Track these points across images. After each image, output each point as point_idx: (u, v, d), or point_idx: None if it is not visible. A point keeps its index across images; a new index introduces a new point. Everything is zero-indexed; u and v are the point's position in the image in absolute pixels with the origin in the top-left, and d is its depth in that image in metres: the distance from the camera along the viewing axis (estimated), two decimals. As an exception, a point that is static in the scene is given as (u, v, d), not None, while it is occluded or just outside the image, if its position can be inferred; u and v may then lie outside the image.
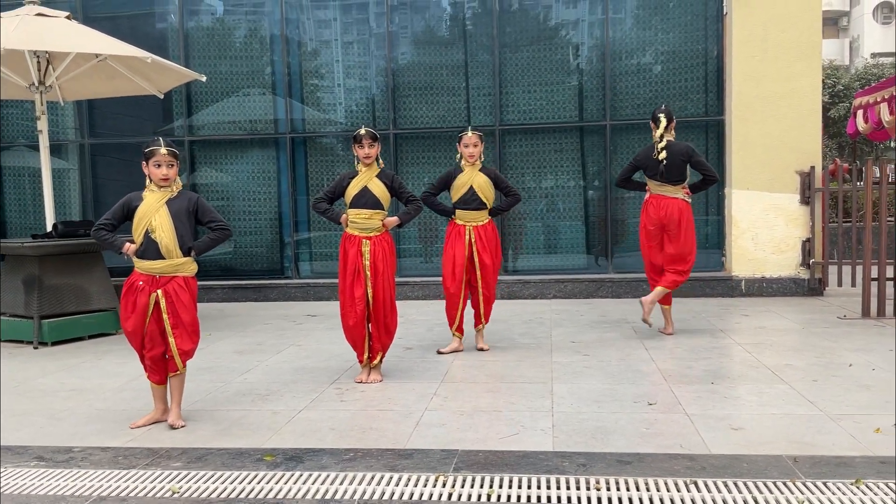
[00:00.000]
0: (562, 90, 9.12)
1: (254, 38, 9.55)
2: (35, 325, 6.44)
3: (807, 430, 3.79)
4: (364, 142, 4.95)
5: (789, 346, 5.84)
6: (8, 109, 9.84)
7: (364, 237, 4.91)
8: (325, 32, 9.58)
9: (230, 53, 9.49)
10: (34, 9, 6.65)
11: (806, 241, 8.35)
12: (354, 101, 9.51)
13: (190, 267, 4.13)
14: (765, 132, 8.31)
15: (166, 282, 4.05)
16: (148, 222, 4.01)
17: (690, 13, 8.89)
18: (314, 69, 9.57)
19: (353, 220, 4.93)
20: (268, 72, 9.51)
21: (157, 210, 4.02)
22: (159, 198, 4.04)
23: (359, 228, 4.92)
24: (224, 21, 9.59)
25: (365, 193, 4.93)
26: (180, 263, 4.07)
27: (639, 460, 3.41)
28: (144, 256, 4.04)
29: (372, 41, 9.41)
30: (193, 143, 9.47)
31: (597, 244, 9.17)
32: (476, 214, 5.76)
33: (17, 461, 3.63)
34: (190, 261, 4.12)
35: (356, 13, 9.56)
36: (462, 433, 3.87)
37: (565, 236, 9.22)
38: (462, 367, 5.40)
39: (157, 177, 4.04)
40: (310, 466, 3.44)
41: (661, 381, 4.83)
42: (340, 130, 9.47)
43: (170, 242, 4.01)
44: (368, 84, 9.46)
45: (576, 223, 9.19)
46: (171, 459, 3.58)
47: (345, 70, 9.57)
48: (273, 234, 9.54)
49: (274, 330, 7.10)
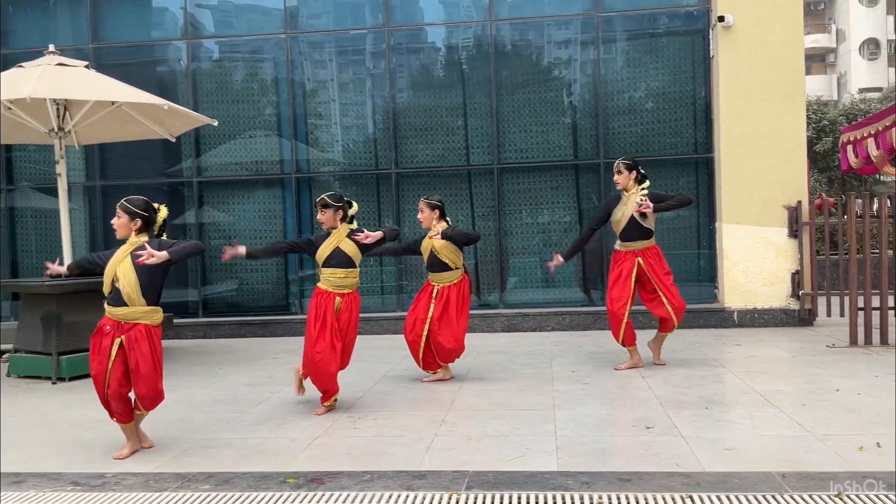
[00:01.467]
0: (557, 129, 9.50)
1: (260, 83, 9.93)
2: (54, 360, 6.68)
3: (795, 449, 4.05)
4: (318, 208, 5.25)
5: (780, 374, 6.11)
6: (13, 152, 10.16)
7: (337, 293, 5.19)
8: (326, 77, 9.97)
9: (237, 97, 9.86)
10: (55, 58, 6.99)
11: (795, 273, 8.66)
12: (356, 142, 9.87)
13: (153, 316, 4.33)
14: (752, 169, 8.66)
15: (129, 328, 4.27)
16: (114, 272, 4.29)
17: (679, 56, 9.31)
18: (317, 112, 9.94)
19: (327, 278, 5.21)
20: (273, 115, 9.87)
21: (121, 261, 4.30)
22: (125, 249, 4.34)
23: (332, 286, 5.20)
24: (231, 66, 9.98)
25: (337, 254, 5.21)
26: (143, 312, 4.29)
27: (638, 478, 3.66)
28: (111, 303, 4.31)
29: (373, 85, 9.80)
30: (201, 184, 9.79)
31: (593, 278, 9.47)
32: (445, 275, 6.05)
33: (54, 486, 3.87)
34: (153, 310, 4.33)
35: (354, 57, 9.97)
36: (471, 456, 4.12)
37: (562, 271, 9.50)
38: (467, 396, 5.65)
39: None
40: (331, 487, 3.68)
41: (657, 406, 5.09)
42: (344, 170, 9.82)
43: (131, 291, 4.25)
44: (370, 125, 9.83)
45: (576, 257, 9.47)
46: (199, 483, 3.82)
47: (346, 111, 9.95)
48: (279, 272, 9.83)
49: (283, 364, 7.34)
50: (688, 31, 9.38)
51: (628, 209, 6.27)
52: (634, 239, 6.32)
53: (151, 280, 4.31)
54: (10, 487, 3.87)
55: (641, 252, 6.33)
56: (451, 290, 6.02)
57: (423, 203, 6.07)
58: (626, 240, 6.35)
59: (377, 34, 9.68)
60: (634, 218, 6.25)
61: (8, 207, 10.11)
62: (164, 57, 10.14)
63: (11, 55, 9.80)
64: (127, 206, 4.37)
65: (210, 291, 9.85)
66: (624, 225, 6.31)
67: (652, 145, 9.29)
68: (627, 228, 6.31)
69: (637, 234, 6.31)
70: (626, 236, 6.34)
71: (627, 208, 6.28)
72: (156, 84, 9.49)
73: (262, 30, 9.86)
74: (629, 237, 6.33)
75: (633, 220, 6.27)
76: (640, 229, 6.30)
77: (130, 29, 10.08)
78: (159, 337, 4.40)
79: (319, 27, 9.88)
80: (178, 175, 9.86)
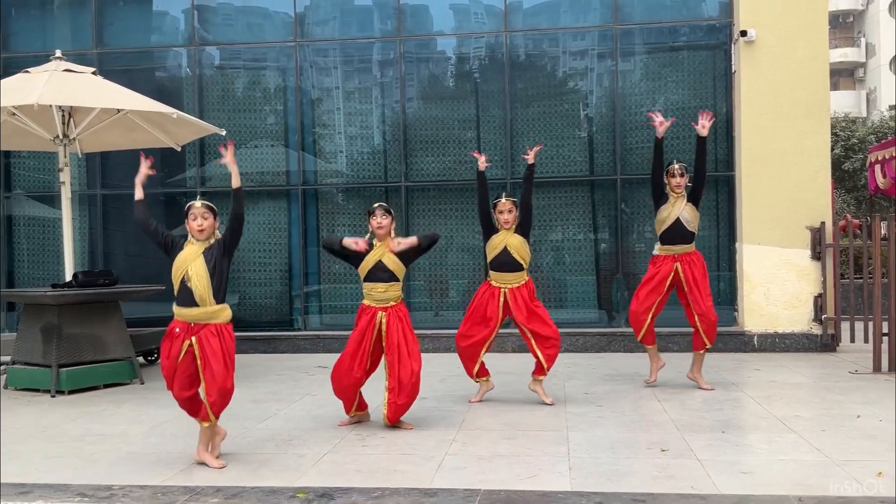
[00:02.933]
0: (572, 144, 9.70)
1: (267, 91, 10.17)
2: (53, 373, 6.86)
3: (813, 473, 4.19)
4: (377, 212, 5.38)
5: (799, 399, 6.25)
6: (11, 159, 10.39)
7: (380, 308, 5.35)
8: (335, 87, 10.21)
9: (242, 106, 10.10)
10: (62, 64, 7.23)
11: (818, 296, 8.79)
12: (365, 153, 10.09)
13: (223, 314, 4.57)
14: (774, 188, 8.82)
15: (199, 329, 4.50)
16: (184, 271, 4.48)
17: (699, 70, 9.51)
18: (326, 123, 10.17)
19: (369, 293, 5.38)
20: (280, 125, 10.11)
21: (193, 259, 4.50)
22: (197, 249, 4.53)
23: (374, 300, 5.37)
24: (237, 75, 10.22)
25: (380, 267, 5.36)
26: (213, 311, 4.52)
27: (653, 499, 3.82)
28: (181, 303, 4.50)
29: (383, 96, 10.03)
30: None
31: (608, 298, 9.63)
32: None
33: (61, 497, 4.04)
34: (222, 308, 4.56)
35: (365, 68, 10.20)
36: (483, 475, 4.28)
37: (576, 290, 9.69)
38: (478, 416, 5.80)
39: (193, 229, 4.54)
40: (341, 502, 3.84)
41: (673, 430, 5.23)
42: (351, 182, 10.02)
43: (203, 291, 4.47)
44: (379, 137, 10.05)
45: (587, 277, 9.66)
46: (208, 496, 3.99)
47: (353, 121, 10.17)
48: (283, 286, 10.02)
49: (287, 380, 7.50)
50: (709, 44, 9.58)
51: (675, 210, 6.50)
52: (676, 242, 6.53)
53: (221, 279, 4.54)
54: (17, 498, 4.05)
55: (681, 257, 6.53)
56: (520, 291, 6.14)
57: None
58: (666, 242, 6.57)
59: (388, 43, 9.92)
60: (680, 219, 6.49)
61: (6, 216, 10.33)
62: (168, 63, 10.39)
63: (12, 59, 10.10)
64: (212, 207, 4.63)
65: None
66: (668, 224, 6.53)
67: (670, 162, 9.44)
68: (671, 229, 6.53)
69: (680, 236, 6.52)
70: (668, 238, 6.55)
71: (675, 209, 6.50)
72: (159, 91, 9.72)
73: (270, 37, 10.11)
74: (671, 239, 6.54)
75: (678, 222, 6.51)
76: (684, 232, 6.52)
77: (135, 34, 10.36)
78: (231, 333, 4.59)
79: (327, 35, 10.12)
80: (181, 185, 10.08)
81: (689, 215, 6.53)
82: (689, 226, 6.54)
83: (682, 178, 6.55)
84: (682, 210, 6.53)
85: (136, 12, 10.50)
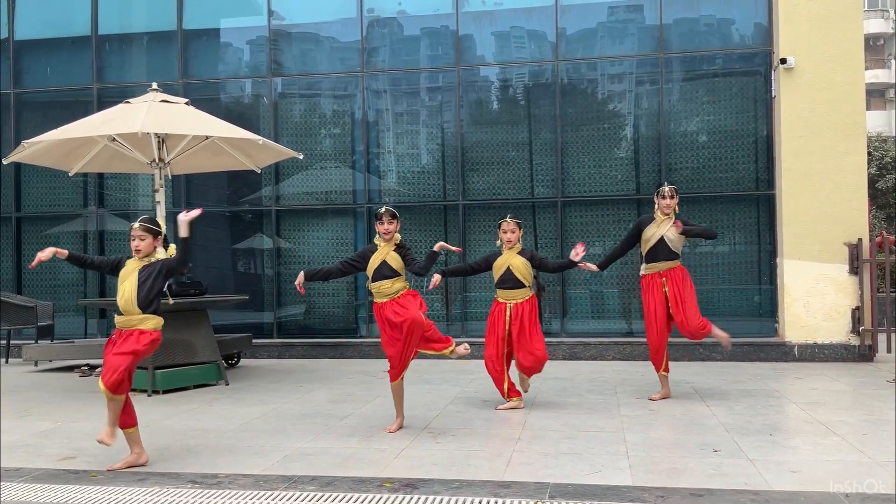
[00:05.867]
0: (619, 165, 9.86)
1: (335, 118, 10.52)
2: (150, 374, 7.20)
3: (857, 473, 4.30)
4: (384, 218, 5.61)
5: (840, 405, 6.32)
6: (105, 179, 10.88)
7: (384, 301, 5.52)
8: (397, 112, 10.52)
9: (313, 130, 10.46)
10: (158, 95, 7.61)
11: (855, 309, 8.80)
12: (424, 174, 10.36)
13: (148, 322, 4.72)
14: (813, 206, 8.86)
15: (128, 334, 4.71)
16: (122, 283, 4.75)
17: (741, 95, 9.61)
18: (387, 145, 10.47)
19: (377, 291, 5.57)
20: (347, 148, 10.44)
21: (129, 275, 4.75)
22: (135, 265, 4.78)
23: (383, 296, 5.55)
24: (309, 102, 10.58)
25: (385, 266, 5.56)
26: (138, 319, 4.70)
27: (710, 493, 3.96)
28: (116, 311, 4.79)
29: (441, 120, 10.29)
30: (279, 212, 10.38)
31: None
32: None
33: (175, 483, 4.32)
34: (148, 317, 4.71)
35: (425, 94, 10.49)
36: (550, 470, 4.47)
37: (625, 301, 9.81)
38: (538, 418, 5.97)
39: (131, 248, 4.81)
40: (424, 491, 4.06)
41: (723, 432, 5.35)
42: (411, 200, 10.28)
43: (127, 302, 4.69)
44: (438, 158, 10.30)
45: (636, 289, 9.76)
46: (304, 484, 4.23)
47: (414, 145, 10.48)
48: (349, 296, 10.31)
49: (358, 383, 7.76)
50: (749, 71, 9.67)
51: (660, 230, 6.53)
52: (659, 259, 6.56)
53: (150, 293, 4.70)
54: (135, 484, 4.34)
55: (666, 272, 6.55)
56: (522, 308, 6.30)
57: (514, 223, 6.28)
58: (650, 261, 6.61)
59: (447, 72, 10.19)
60: (664, 239, 6.52)
61: (98, 231, 10.81)
62: (247, 93, 10.80)
63: (106, 88, 10.62)
64: (151, 228, 4.83)
65: (284, 314, 10.37)
66: (653, 244, 6.55)
67: (713, 181, 9.57)
68: (655, 248, 6.55)
69: (663, 255, 6.54)
70: (652, 257, 6.58)
71: (660, 229, 6.54)
72: (239, 117, 10.11)
73: (339, 66, 10.46)
74: (654, 257, 6.58)
75: (662, 241, 6.53)
76: (668, 251, 6.54)
77: (216, 66, 10.80)
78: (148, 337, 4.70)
79: (392, 65, 10.43)
80: (257, 203, 10.45)
81: (672, 236, 6.52)
82: (671, 245, 6.53)
83: (671, 199, 6.55)
84: (668, 231, 6.52)
85: (217, 46, 10.94)
